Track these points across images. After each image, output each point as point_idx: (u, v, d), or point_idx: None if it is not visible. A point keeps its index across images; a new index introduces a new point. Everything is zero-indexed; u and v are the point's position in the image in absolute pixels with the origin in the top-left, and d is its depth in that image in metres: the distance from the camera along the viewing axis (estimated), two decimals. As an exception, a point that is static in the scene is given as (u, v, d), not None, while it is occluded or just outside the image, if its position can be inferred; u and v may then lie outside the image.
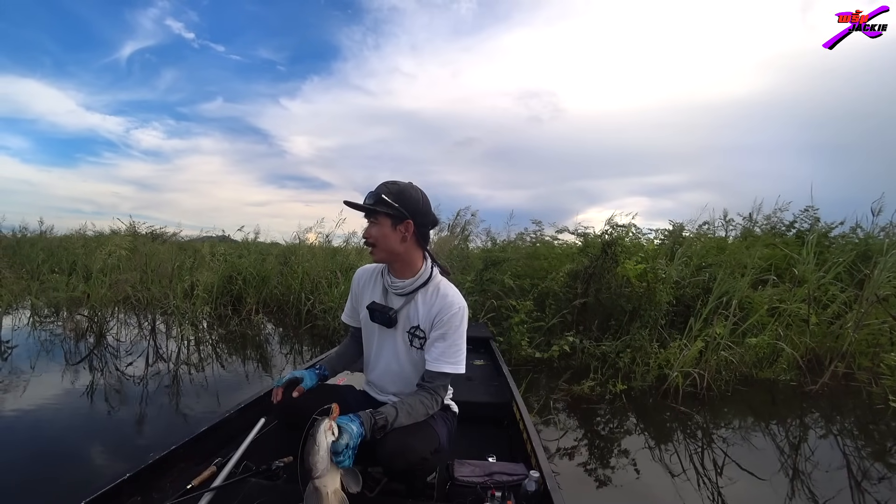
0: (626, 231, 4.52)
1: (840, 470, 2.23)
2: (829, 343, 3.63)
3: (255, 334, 4.72)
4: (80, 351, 3.63)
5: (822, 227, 5.33)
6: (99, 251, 5.81)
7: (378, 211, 1.12)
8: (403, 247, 1.16)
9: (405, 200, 1.13)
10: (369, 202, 1.13)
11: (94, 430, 2.28)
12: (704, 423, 2.78)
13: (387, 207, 1.11)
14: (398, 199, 1.12)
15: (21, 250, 7.04)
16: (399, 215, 1.12)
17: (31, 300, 4.90)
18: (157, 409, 2.56)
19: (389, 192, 1.12)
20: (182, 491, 1.15)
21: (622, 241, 4.27)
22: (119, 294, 4.73)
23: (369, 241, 1.16)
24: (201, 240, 8.02)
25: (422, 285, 1.19)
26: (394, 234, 1.13)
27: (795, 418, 2.99)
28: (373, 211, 1.13)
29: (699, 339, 3.24)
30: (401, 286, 1.20)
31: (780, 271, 4.32)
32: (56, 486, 1.71)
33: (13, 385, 2.77)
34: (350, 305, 1.37)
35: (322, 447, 0.84)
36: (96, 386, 2.85)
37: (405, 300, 1.21)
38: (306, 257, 5.83)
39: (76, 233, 8.30)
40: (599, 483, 2.04)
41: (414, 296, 1.20)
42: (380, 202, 1.11)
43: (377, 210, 1.12)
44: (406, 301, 1.20)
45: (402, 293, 1.20)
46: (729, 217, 5.79)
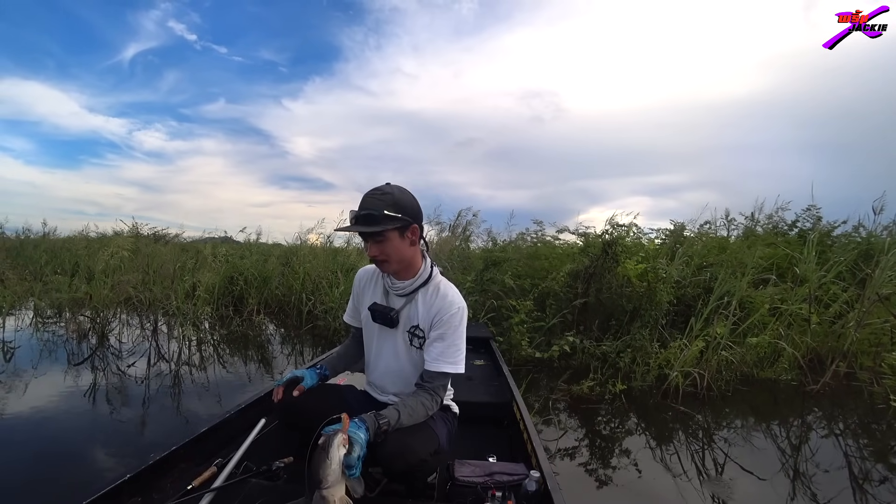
0: (627, 231, 4.51)
1: (841, 470, 2.22)
2: (830, 343, 3.62)
3: (256, 335, 4.73)
4: (82, 352, 3.65)
5: (824, 226, 5.33)
6: (101, 252, 5.84)
7: (384, 229, 1.06)
8: (411, 251, 1.15)
9: (403, 207, 1.09)
10: (371, 222, 1.06)
11: (96, 430, 2.29)
12: (705, 423, 2.77)
13: (393, 222, 1.07)
14: (398, 209, 1.07)
15: (24, 252, 7.08)
16: (404, 224, 1.09)
17: (33, 301, 4.92)
18: (158, 410, 2.57)
19: (387, 204, 1.07)
20: (182, 491, 1.15)
21: (622, 241, 4.26)
22: (121, 295, 4.74)
23: (380, 259, 1.12)
24: (204, 241, 8.06)
25: (422, 285, 1.19)
26: (403, 244, 1.11)
27: (796, 418, 2.98)
28: (377, 230, 1.06)
29: (699, 338, 3.23)
30: (401, 287, 1.20)
31: (782, 271, 4.31)
32: (57, 486, 1.72)
33: (16, 385, 2.78)
34: (352, 305, 1.37)
35: (334, 461, 0.84)
36: (98, 386, 2.87)
37: (406, 300, 1.21)
38: (307, 258, 5.85)
39: (79, 234, 8.35)
40: (600, 483, 2.04)
41: (414, 295, 1.20)
42: (385, 219, 1.06)
43: (385, 227, 1.06)
44: (407, 301, 1.21)
45: (403, 293, 1.21)
46: (731, 217, 5.78)
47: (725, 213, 5.79)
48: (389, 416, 1.01)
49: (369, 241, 1.10)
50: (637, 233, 4.80)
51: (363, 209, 1.08)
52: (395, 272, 1.18)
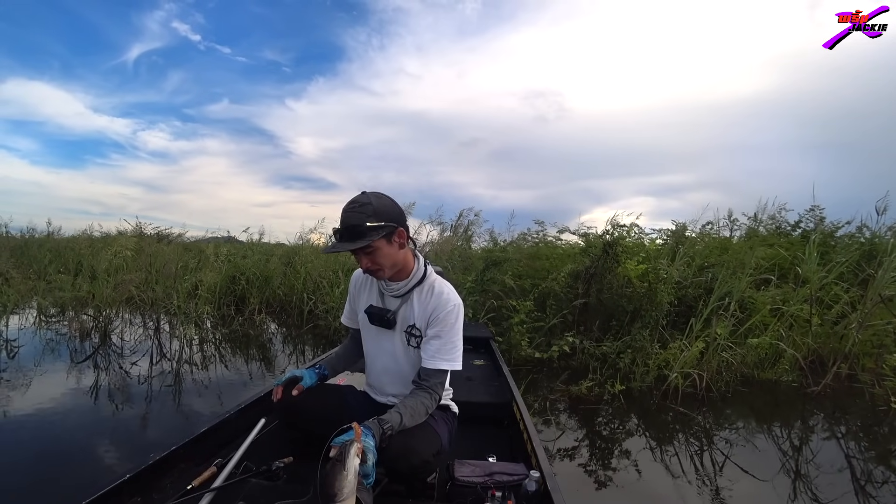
0: (628, 231, 4.50)
1: (842, 472, 2.22)
2: (832, 344, 3.60)
3: (257, 334, 4.75)
4: (84, 350, 3.67)
5: (827, 226, 5.31)
6: (104, 252, 5.87)
7: (371, 240, 1.04)
8: (402, 254, 1.15)
9: (385, 213, 1.06)
10: (357, 237, 1.03)
11: (98, 428, 2.30)
12: (705, 424, 2.77)
13: (378, 232, 1.04)
14: (380, 217, 1.05)
15: (29, 251, 7.11)
16: (390, 230, 1.07)
17: (37, 300, 4.96)
18: (160, 408, 2.58)
19: (368, 215, 1.04)
20: (182, 491, 1.15)
21: (623, 241, 4.26)
22: (123, 294, 4.77)
23: (374, 269, 1.11)
24: (207, 241, 8.08)
25: (416, 284, 1.19)
26: (392, 249, 1.10)
27: (796, 420, 2.97)
28: (364, 245, 1.04)
29: (699, 339, 3.22)
30: (396, 288, 1.20)
31: (784, 271, 4.30)
32: (58, 485, 1.73)
33: (19, 383, 2.80)
34: (349, 308, 1.38)
35: (350, 471, 0.82)
36: (100, 384, 2.89)
37: (401, 301, 1.21)
38: (309, 258, 5.86)
39: (82, 234, 8.38)
40: (600, 483, 2.04)
41: (410, 296, 1.20)
42: (370, 231, 1.03)
43: (371, 238, 1.03)
44: (402, 301, 1.21)
45: (398, 294, 1.21)
46: (734, 217, 5.76)
47: (728, 214, 5.78)
48: (392, 420, 1.01)
49: (360, 255, 1.09)
50: (638, 233, 4.80)
51: (345, 225, 1.05)
52: (390, 278, 1.18)
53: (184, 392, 2.88)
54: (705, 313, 3.44)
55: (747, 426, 2.81)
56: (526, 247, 5.61)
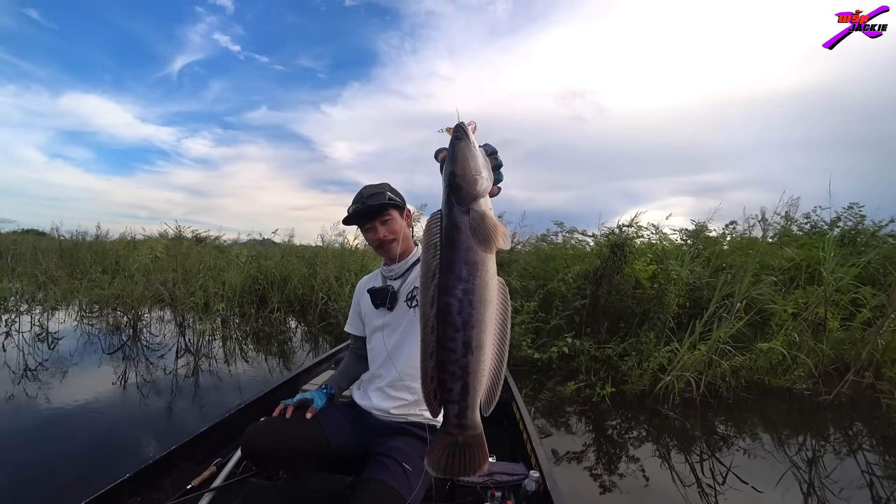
0: (637, 231, 4.35)
1: (851, 482, 2.11)
2: (851, 350, 3.37)
3: (275, 331, 4.98)
4: (116, 343, 3.98)
5: (868, 225, 4.96)
6: (135, 253, 6.22)
7: (390, 207, 1.20)
8: (408, 233, 1.28)
9: (397, 193, 1.26)
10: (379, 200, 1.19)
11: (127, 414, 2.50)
12: (705, 429, 2.69)
13: (395, 201, 1.22)
14: (395, 194, 1.25)
15: (77, 253, 7.63)
16: (402, 205, 1.26)
17: (78, 298, 5.36)
18: (182, 398, 2.79)
19: (385, 190, 1.23)
20: (182, 491, 1.17)
21: (630, 242, 4.12)
22: (152, 292, 5.06)
23: (389, 238, 1.21)
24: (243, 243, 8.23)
25: (415, 262, 1.25)
26: (403, 224, 1.25)
27: (805, 429, 2.80)
28: (384, 210, 1.20)
29: (700, 342, 3.11)
30: (397, 269, 1.26)
31: (812, 272, 4.04)
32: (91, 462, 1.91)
33: (57, 372, 3.09)
34: (353, 313, 1.39)
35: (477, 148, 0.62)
36: (128, 375, 3.13)
37: (402, 279, 1.25)
38: (329, 259, 6.02)
39: (121, 236, 8.85)
40: (599, 483, 2.03)
41: (409, 272, 1.25)
42: (389, 200, 1.20)
43: (391, 206, 1.20)
44: (402, 279, 1.26)
45: (398, 274, 1.26)
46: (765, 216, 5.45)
47: (761, 213, 5.47)
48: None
49: (377, 223, 1.21)
50: (655, 233, 4.63)
51: (367, 194, 1.21)
52: (401, 252, 1.25)
53: (203, 383, 3.09)
54: (706, 316, 3.29)
55: (746, 433, 2.68)
56: (546, 249, 5.54)
